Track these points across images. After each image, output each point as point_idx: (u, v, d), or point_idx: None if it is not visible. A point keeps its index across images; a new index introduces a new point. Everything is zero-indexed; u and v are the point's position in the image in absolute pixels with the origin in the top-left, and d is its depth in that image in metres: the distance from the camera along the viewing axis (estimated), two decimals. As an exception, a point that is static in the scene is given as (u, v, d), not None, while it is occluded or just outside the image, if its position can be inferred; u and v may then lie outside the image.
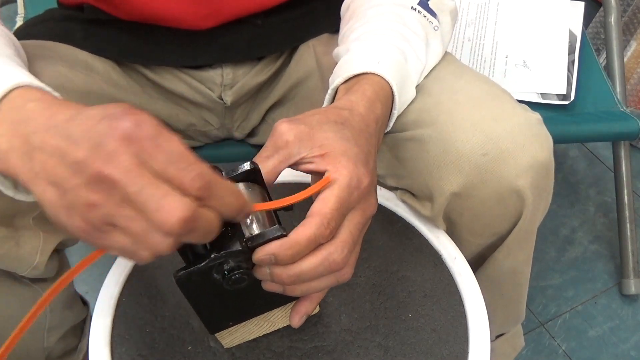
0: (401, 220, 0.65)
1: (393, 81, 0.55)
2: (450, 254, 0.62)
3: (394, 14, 0.60)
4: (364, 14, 0.62)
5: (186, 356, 0.53)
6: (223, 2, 0.66)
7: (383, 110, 0.54)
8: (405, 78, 0.57)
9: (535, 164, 0.56)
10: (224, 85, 0.73)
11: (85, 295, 0.81)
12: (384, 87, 0.55)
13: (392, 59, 0.56)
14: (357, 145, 0.47)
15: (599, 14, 1.49)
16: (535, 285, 1.25)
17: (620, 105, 1.09)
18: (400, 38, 0.58)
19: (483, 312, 0.57)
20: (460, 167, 0.56)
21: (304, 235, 0.42)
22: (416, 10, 0.61)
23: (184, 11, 0.65)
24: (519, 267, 0.68)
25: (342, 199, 0.44)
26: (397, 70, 0.56)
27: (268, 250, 0.42)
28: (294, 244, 0.42)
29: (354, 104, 0.51)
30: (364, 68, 0.55)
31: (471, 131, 0.56)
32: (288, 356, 0.53)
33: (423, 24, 0.61)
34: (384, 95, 0.54)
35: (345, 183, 0.44)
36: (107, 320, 0.55)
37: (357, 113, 0.50)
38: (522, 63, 1.10)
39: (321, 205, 0.43)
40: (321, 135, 0.47)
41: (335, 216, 0.43)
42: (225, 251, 0.42)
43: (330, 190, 0.44)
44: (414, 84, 0.59)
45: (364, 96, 0.52)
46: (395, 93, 0.55)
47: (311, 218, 0.43)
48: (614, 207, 1.28)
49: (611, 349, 1.16)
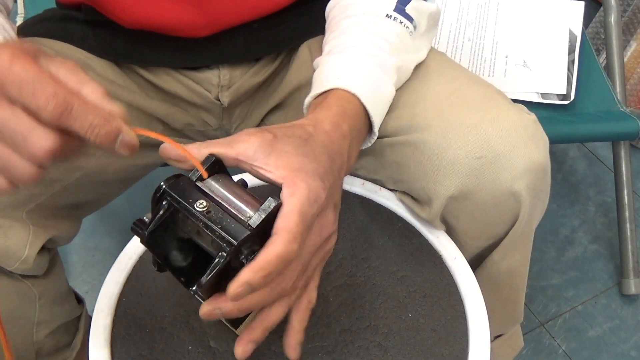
0: (401, 220, 0.65)
1: (360, 92, 0.54)
2: (450, 254, 0.62)
3: (367, 23, 0.60)
4: (338, 24, 0.62)
5: (186, 356, 0.53)
6: (221, 13, 0.66)
7: (353, 124, 0.53)
8: (377, 87, 0.57)
9: (531, 166, 0.56)
10: (221, 86, 0.73)
11: (85, 295, 0.81)
12: (351, 101, 0.54)
13: (359, 71, 0.56)
14: (317, 161, 0.47)
15: (599, 14, 1.49)
16: (535, 285, 1.25)
17: (620, 105, 1.09)
18: (373, 47, 0.58)
19: (483, 312, 0.57)
20: (455, 171, 0.56)
21: (274, 254, 0.41)
22: (391, 17, 0.60)
23: (182, 22, 0.65)
24: (516, 268, 0.68)
25: (304, 212, 0.43)
26: (365, 81, 0.55)
27: (241, 279, 0.41)
28: (265, 264, 0.41)
29: (319, 121, 0.51)
30: (329, 85, 0.55)
31: (466, 135, 0.56)
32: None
33: (398, 31, 0.60)
34: (352, 109, 0.54)
35: (304, 196, 0.43)
36: (107, 320, 0.55)
37: (321, 130, 0.50)
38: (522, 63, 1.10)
39: (285, 221, 0.42)
40: (281, 147, 0.46)
41: (300, 229, 0.42)
42: (238, 241, 0.41)
43: (291, 204, 0.43)
44: (390, 91, 0.59)
45: (329, 112, 0.52)
46: (365, 104, 0.54)
47: (277, 236, 0.42)
48: (614, 207, 1.28)
49: (611, 349, 1.16)
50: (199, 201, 0.43)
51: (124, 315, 0.56)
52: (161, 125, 0.74)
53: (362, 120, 0.55)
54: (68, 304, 0.74)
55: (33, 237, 0.60)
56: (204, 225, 0.42)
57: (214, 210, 0.43)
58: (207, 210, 0.42)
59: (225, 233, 0.41)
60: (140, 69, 0.71)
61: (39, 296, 0.66)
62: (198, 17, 0.64)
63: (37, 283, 0.65)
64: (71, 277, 1.19)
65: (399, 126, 0.60)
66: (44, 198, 0.61)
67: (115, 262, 0.60)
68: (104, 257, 1.23)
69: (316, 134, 0.49)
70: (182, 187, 0.44)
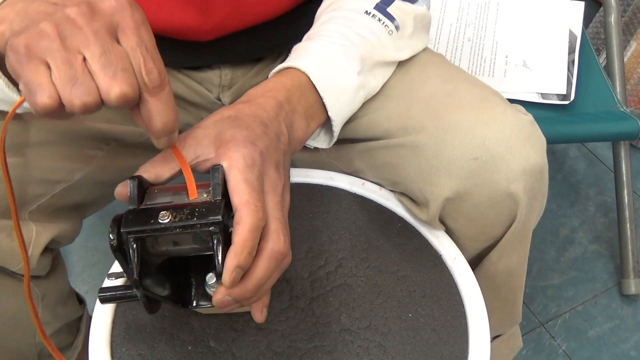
0: (401, 220, 0.65)
1: (309, 70, 0.55)
2: (450, 254, 0.62)
3: (343, 17, 0.61)
4: (318, 19, 0.63)
5: (186, 356, 0.53)
6: (226, 19, 0.66)
7: (292, 96, 0.54)
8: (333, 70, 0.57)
9: (528, 167, 0.56)
10: (222, 86, 0.73)
11: (85, 295, 0.81)
12: (296, 77, 0.55)
13: (315, 53, 0.57)
14: (248, 129, 0.48)
15: (599, 14, 1.49)
16: (535, 285, 1.25)
17: (621, 105, 1.09)
18: (340, 37, 0.59)
19: (483, 312, 0.57)
20: (452, 173, 0.56)
21: (246, 229, 0.42)
22: (370, 14, 0.61)
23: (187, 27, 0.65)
24: (514, 269, 0.68)
25: (248, 179, 0.44)
26: (318, 62, 0.56)
27: (230, 266, 0.42)
28: (244, 242, 0.42)
29: (250, 96, 0.53)
30: (282, 66, 0.56)
31: (461, 136, 0.56)
32: (288, 356, 0.53)
33: (374, 27, 0.60)
34: (295, 84, 0.55)
35: (242, 164, 0.45)
36: (107, 320, 0.55)
37: (252, 103, 0.52)
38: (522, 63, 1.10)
39: (238, 195, 0.44)
40: (214, 131, 0.48)
41: (255, 196, 0.44)
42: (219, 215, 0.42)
43: (234, 177, 0.44)
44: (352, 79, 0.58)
45: (261, 87, 0.54)
46: (313, 81, 0.55)
47: (239, 212, 0.43)
48: (614, 207, 1.28)
49: (611, 349, 1.16)
50: (159, 216, 0.42)
51: (124, 315, 0.56)
52: None
53: (309, 95, 0.56)
54: (70, 304, 0.74)
55: (37, 237, 0.60)
56: (181, 228, 0.42)
57: (177, 212, 0.43)
58: (173, 216, 0.42)
59: (204, 220, 0.42)
60: None
61: (42, 297, 0.66)
62: (203, 22, 0.65)
63: (39, 284, 0.65)
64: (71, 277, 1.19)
65: (393, 127, 0.60)
66: (46, 199, 0.61)
67: (115, 262, 0.60)
68: (104, 257, 1.23)
69: (245, 107, 0.51)
70: (133, 219, 0.43)
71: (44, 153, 0.60)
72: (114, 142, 0.67)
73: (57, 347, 0.72)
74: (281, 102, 0.53)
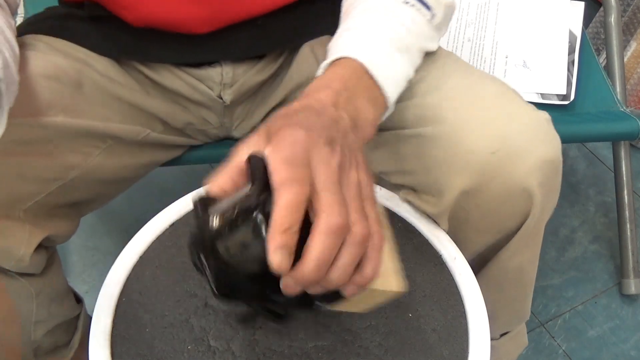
0: (401, 220, 0.65)
1: (362, 58, 0.53)
2: (450, 254, 0.62)
3: (383, 7, 0.59)
4: (354, 8, 0.61)
5: (186, 356, 0.53)
6: (224, 8, 0.66)
7: (348, 82, 0.52)
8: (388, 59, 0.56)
9: (544, 162, 0.57)
10: (223, 84, 0.73)
11: (85, 295, 0.80)
12: (349, 65, 0.53)
13: (367, 43, 0.55)
14: (295, 117, 0.45)
15: (599, 14, 1.49)
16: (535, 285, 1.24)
17: (620, 105, 1.09)
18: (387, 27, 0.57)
19: (483, 312, 0.57)
20: (469, 165, 0.56)
21: (280, 206, 0.40)
22: (409, 3, 0.60)
23: (184, 17, 0.65)
24: (525, 266, 0.68)
25: (286, 157, 0.41)
26: (371, 51, 0.55)
27: (270, 247, 0.39)
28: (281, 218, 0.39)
29: (306, 92, 0.51)
30: (332, 57, 0.54)
31: (481, 130, 0.56)
32: (288, 356, 0.53)
33: (414, 16, 0.60)
34: (348, 72, 0.53)
35: (280, 146, 0.42)
36: (107, 320, 0.55)
37: (309, 97, 0.49)
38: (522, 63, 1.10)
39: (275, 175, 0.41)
40: (264, 128, 0.45)
41: (292, 171, 0.40)
42: None
43: (272, 159, 0.41)
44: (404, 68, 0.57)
45: (316, 81, 0.52)
46: (367, 67, 0.53)
47: (276, 191, 0.40)
48: (614, 207, 1.28)
49: (611, 349, 1.16)
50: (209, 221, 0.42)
51: (124, 315, 0.56)
52: (161, 125, 0.74)
53: (366, 80, 0.54)
54: (66, 302, 0.74)
55: (30, 236, 0.60)
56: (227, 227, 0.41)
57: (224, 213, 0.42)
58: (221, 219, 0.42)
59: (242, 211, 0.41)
60: (141, 66, 0.71)
61: (36, 294, 0.66)
62: (197, 12, 0.64)
63: (34, 281, 0.65)
64: (71, 277, 1.19)
65: (412, 117, 0.60)
66: (42, 196, 0.61)
67: (115, 262, 0.60)
68: (104, 257, 1.23)
69: (299, 102, 0.49)
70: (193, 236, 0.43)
71: (38, 151, 0.60)
72: (110, 140, 0.67)
73: (54, 346, 0.72)
74: (337, 90, 0.50)
